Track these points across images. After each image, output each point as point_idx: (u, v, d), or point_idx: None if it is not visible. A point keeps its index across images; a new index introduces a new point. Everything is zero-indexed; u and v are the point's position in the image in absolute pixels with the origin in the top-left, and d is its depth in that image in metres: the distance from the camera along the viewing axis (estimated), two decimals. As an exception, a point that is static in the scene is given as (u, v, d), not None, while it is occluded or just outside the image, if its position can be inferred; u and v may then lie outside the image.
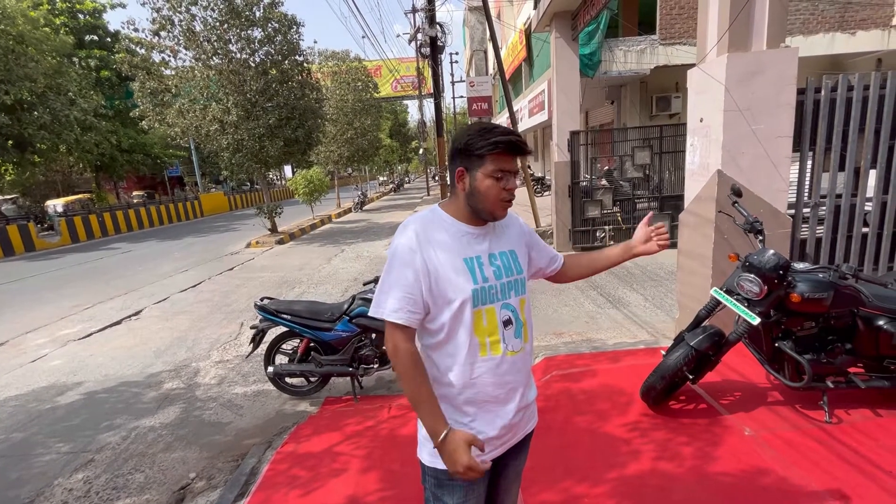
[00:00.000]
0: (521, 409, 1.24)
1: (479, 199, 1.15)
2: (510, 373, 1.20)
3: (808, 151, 3.42)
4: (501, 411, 1.20)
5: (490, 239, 1.22)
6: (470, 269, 1.15)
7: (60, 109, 16.79)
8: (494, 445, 1.22)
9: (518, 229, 1.32)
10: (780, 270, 2.24)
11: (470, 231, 1.20)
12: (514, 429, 1.25)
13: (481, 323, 1.16)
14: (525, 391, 1.25)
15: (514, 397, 1.22)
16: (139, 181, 32.72)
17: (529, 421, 1.31)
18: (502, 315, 1.18)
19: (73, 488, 2.65)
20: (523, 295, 1.24)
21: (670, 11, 10.34)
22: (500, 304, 1.18)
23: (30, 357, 4.79)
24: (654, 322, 4.38)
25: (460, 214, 1.20)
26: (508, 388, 1.20)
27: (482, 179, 1.13)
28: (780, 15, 3.08)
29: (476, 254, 1.18)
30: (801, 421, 2.43)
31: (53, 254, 12.79)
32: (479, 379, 1.17)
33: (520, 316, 1.22)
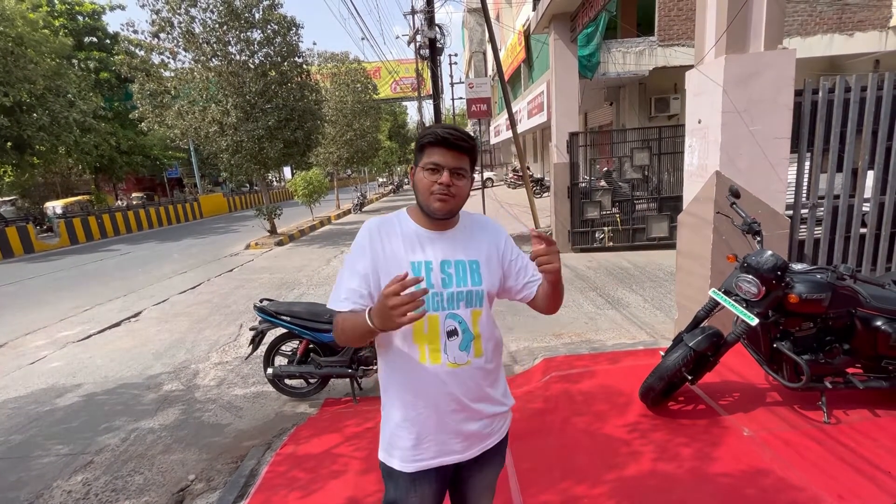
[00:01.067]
0: (469, 420, 1.20)
1: (416, 192, 1.17)
2: (452, 385, 1.16)
3: (805, 152, 3.43)
4: (442, 421, 1.18)
5: (449, 244, 1.19)
6: (415, 272, 1.13)
7: (59, 111, 16.79)
8: (437, 452, 1.20)
9: (493, 242, 1.26)
10: (778, 271, 2.24)
11: (424, 233, 1.18)
12: (466, 441, 1.21)
13: (421, 329, 1.14)
14: (475, 405, 1.20)
15: (456, 408, 1.18)
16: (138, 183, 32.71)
17: (489, 436, 1.26)
18: (446, 325, 1.15)
19: (72, 490, 2.65)
20: (478, 307, 1.19)
21: (669, 13, 10.37)
22: (444, 313, 1.15)
23: (29, 359, 4.79)
24: (654, 323, 4.39)
25: (417, 216, 1.21)
26: (449, 398, 1.17)
27: (418, 172, 1.15)
28: (778, 17, 3.10)
29: (427, 258, 1.16)
30: (799, 421, 2.44)
31: (52, 255, 12.78)
32: (418, 385, 1.17)
33: (470, 329, 1.17)
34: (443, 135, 1.11)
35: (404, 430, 1.20)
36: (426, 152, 1.14)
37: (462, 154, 1.13)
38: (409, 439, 1.19)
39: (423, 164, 1.13)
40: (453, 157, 1.12)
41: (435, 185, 1.12)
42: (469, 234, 1.24)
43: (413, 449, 1.19)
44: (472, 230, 1.25)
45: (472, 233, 1.24)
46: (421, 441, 1.19)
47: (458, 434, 1.20)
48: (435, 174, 1.12)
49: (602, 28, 10.14)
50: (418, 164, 1.16)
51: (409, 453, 1.19)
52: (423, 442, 1.19)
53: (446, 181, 1.11)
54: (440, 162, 1.12)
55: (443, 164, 1.12)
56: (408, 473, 1.20)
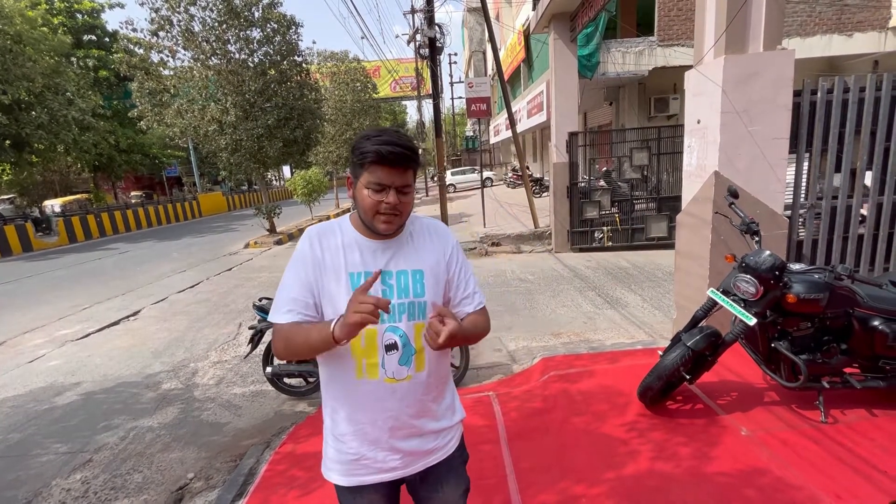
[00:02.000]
0: (407, 437, 1.16)
1: (360, 209, 1.10)
2: (390, 401, 1.12)
3: (804, 153, 3.44)
4: (379, 437, 1.14)
5: (392, 254, 1.13)
6: (354, 284, 1.08)
7: (58, 109, 16.76)
8: (375, 469, 1.16)
9: (439, 250, 1.18)
10: (775, 271, 2.25)
11: (365, 243, 1.12)
12: (407, 458, 1.16)
13: (358, 343, 1.09)
14: (414, 421, 1.15)
15: (393, 425, 1.13)
16: (137, 181, 32.66)
17: (432, 453, 1.20)
18: (385, 338, 1.10)
19: (70, 488, 2.65)
20: (420, 320, 1.12)
21: (668, 13, 10.38)
22: (384, 326, 1.09)
23: (27, 357, 4.78)
24: (652, 322, 4.39)
25: (360, 226, 1.14)
26: (387, 415, 1.12)
27: (360, 189, 1.06)
28: (777, 17, 3.10)
29: (367, 269, 1.10)
30: (797, 421, 2.45)
31: (51, 254, 12.76)
32: (354, 400, 1.13)
33: (412, 343, 1.11)
34: (386, 153, 1.01)
35: (342, 444, 1.16)
36: (367, 169, 1.04)
37: (407, 170, 1.06)
38: (348, 454, 1.15)
39: (366, 183, 1.05)
40: (398, 174, 1.04)
41: (381, 204, 1.05)
42: (414, 243, 1.17)
43: (351, 463, 1.16)
44: (418, 237, 1.18)
45: (418, 240, 1.18)
46: (358, 456, 1.15)
47: (396, 451, 1.15)
48: (380, 194, 1.05)
49: (602, 28, 10.14)
50: (359, 179, 1.07)
51: (346, 467, 1.16)
52: (360, 458, 1.15)
53: (394, 201, 1.04)
54: (385, 182, 1.04)
55: (388, 184, 1.04)
56: (346, 488, 1.18)
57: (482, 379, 3.54)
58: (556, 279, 6.26)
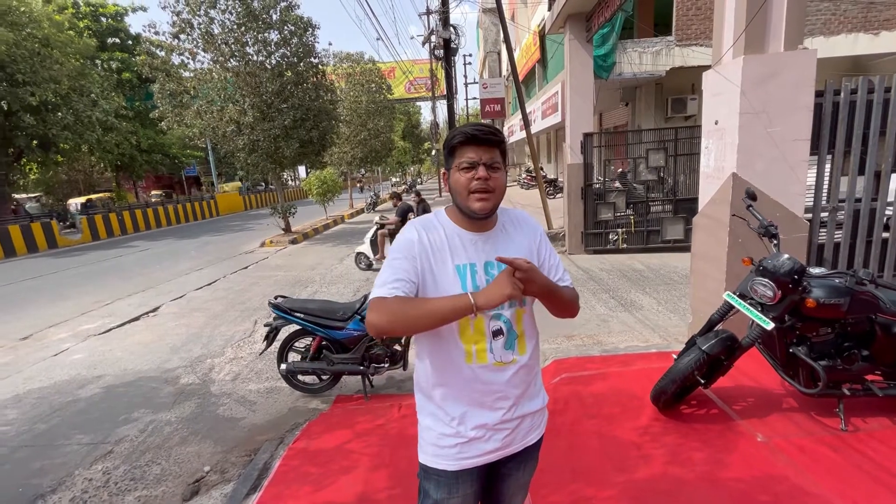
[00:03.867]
0: (514, 420, 1.21)
1: (455, 195, 1.16)
2: (498, 383, 1.18)
3: (826, 155, 3.37)
4: (487, 417, 1.19)
5: (491, 245, 1.19)
6: (461, 276, 1.14)
7: (83, 110, 17.23)
8: (481, 450, 1.20)
9: (530, 239, 1.26)
10: (794, 275, 2.21)
11: (466, 235, 1.18)
12: (507, 437, 1.21)
13: (468, 331, 1.15)
14: (519, 402, 1.21)
15: (503, 406, 1.19)
16: (157, 181, 33.40)
17: (530, 432, 1.26)
18: (492, 325, 1.16)
19: (92, 478, 2.73)
20: (521, 307, 1.19)
21: (687, 12, 10.23)
22: (490, 314, 1.15)
23: (52, 351, 4.94)
24: (667, 326, 4.34)
25: (457, 218, 1.20)
26: (496, 396, 1.18)
27: (455, 174, 1.15)
28: (799, 17, 3.04)
29: (471, 261, 1.16)
30: (815, 428, 2.40)
31: (75, 251, 13.13)
32: (464, 384, 1.17)
33: (514, 328, 1.19)
34: (472, 132, 1.12)
35: (448, 430, 1.19)
36: (458, 152, 1.14)
37: (493, 147, 1.14)
38: (455, 438, 1.19)
39: (458, 164, 1.13)
40: (486, 151, 1.13)
41: (473, 181, 1.12)
42: (508, 234, 1.24)
43: (459, 448, 1.19)
44: (510, 229, 1.25)
45: (511, 232, 1.24)
46: (467, 440, 1.19)
47: (502, 431, 1.20)
48: (471, 171, 1.12)
49: (618, 28, 10.05)
50: (451, 167, 1.16)
51: (453, 451, 1.19)
52: (469, 441, 1.19)
53: (484, 175, 1.11)
54: (474, 158, 1.12)
55: (477, 160, 1.12)
56: (452, 472, 1.20)
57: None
58: (570, 281, 6.22)
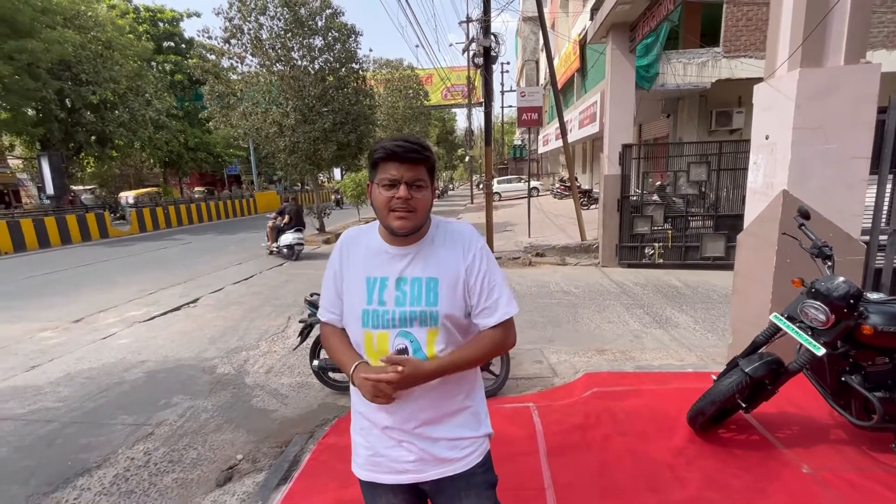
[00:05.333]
0: (420, 440, 1.16)
1: (376, 211, 1.12)
2: (402, 402, 1.13)
3: (888, 174, 3.18)
4: (390, 438, 1.16)
5: (411, 261, 1.14)
6: (369, 288, 1.13)
7: (138, 109, 18.31)
8: (389, 468, 1.17)
9: (458, 255, 1.15)
10: (850, 299, 2.09)
11: (387, 250, 1.15)
12: (419, 463, 1.16)
13: (371, 345, 1.14)
14: (427, 427, 1.15)
15: (407, 429, 1.15)
16: (201, 177, 34.98)
17: (449, 462, 1.17)
18: (396, 343, 1.12)
19: (134, 457, 2.87)
20: (433, 327, 1.12)
21: (736, 23, 9.90)
22: (395, 331, 1.12)
23: (101, 334, 5.23)
24: (704, 346, 4.18)
25: (382, 232, 1.17)
26: (398, 417, 1.14)
27: (374, 189, 1.11)
28: (862, 29, 2.91)
29: (384, 274, 1.13)
30: (867, 463, 2.25)
31: (124, 241, 13.88)
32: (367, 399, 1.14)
33: (423, 349, 1.12)
34: (392, 148, 1.06)
35: (362, 440, 1.21)
36: (380, 168, 1.09)
37: (417, 165, 1.08)
38: (366, 449, 1.20)
39: (378, 181, 1.09)
40: (408, 168, 1.07)
41: (393, 200, 1.07)
42: (433, 249, 1.16)
43: (368, 459, 1.19)
44: (440, 244, 1.17)
45: (440, 247, 1.16)
46: (374, 454, 1.18)
47: (408, 452, 1.16)
48: (391, 189, 1.07)
49: (663, 38, 9.84)
50: (373, 181, 1.11)
51: (363, 462, 1.20)
52: (376, 455, 1.18)
53: (404, 195, 1.06)
54: (396, 176, 1.07)
55: (398, 178, 1.07)
56: (366, 482, 1.21)
57: (522, 390, 3.50)
58: (602, 294, 6.09)
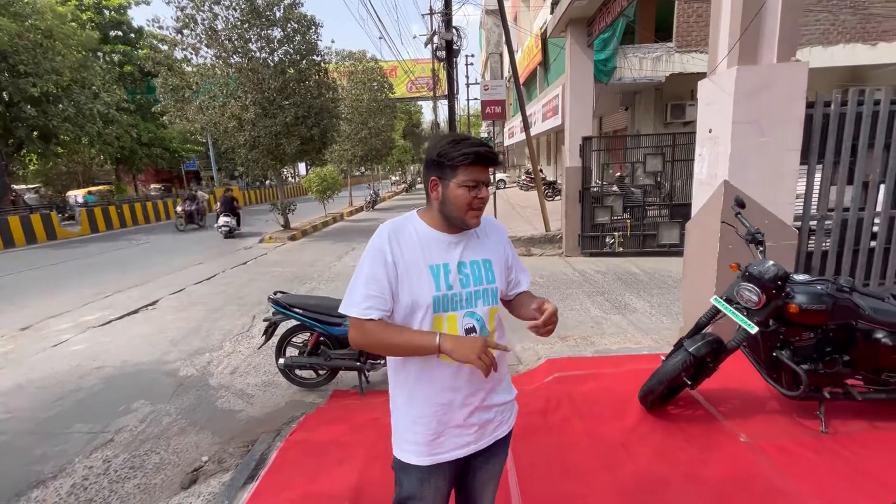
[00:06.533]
0: (484, 414, 1.27)
1: (450, 207, 1.20)
2: (470, 379, 1.23)
3: (816, 165, 3.45)
4: (459, 414, 1.24)
5: (464, 247, 1.24)
6: (434, 275, 1.18)
7: (84, 103, 17.25)
8: (454, 444, 1.26)
9: (500, 239, 1.34)
10: (779, 281, 2.29)
11: (442, 238, 1.23)
12: (478, 432, 1.27)
13: (441, 329, 1.19)
14: (489, 396, 1.27)
15: (473, 402, 1.25)
16: (156, 174, 33.38)
17: (500, 426, 1.32)
18: (465, 323, 1.21)
19: (92, 466, 2.79)
20: (494, 305, 1.25)
21: (687, 19, 10.32)
22: (463, 311, 1.21)
23: (52, 342, 4.99)
24: (659, 329, 4.41)
25: (434, 222, 1.24)
26: (466, 392, 1.23)
27: (454, 189, 1.17)
28: (792, 29, 3.12)
29: (444, 261, 1.20)
30: (796, 430, 2.48)
31: (75, 243, 13.15)
32: (436, 381, 1.22)
33: (486, 325, 1.24)
34: (482, 153, 1.15)
35: (421, 426, 1.25)
36: (462, 170, 1.16)
37: (489, 168, 1.20)
38: (427, 434, 1.24)
39: (462, 182, 1.16)
40: (486, 172, 1.20)
41: (475, 199, 1.18)
42: (479, 237, 1.29)
43: (430, 444, 1.24)
44: (481, 232, 1.30)
45: (482, 235, 1.30)
46: (438, 435, 1.24)
47: (473, 426, 1.26)
48: (474, 190, 1.17)
49: (619, 33, 10.13)
50: (448, 180, 1.17)
51: (425, 448, 1.25)
52: (440, 436, 1.24)
53: (486, 196, 1.18)
54: (480, 179, 1.17)
55: (482, 181, 1.17)
56: (424, 467, 1.25)
57: (488, 378, 3.61)
58: (566, 283, 6.30)
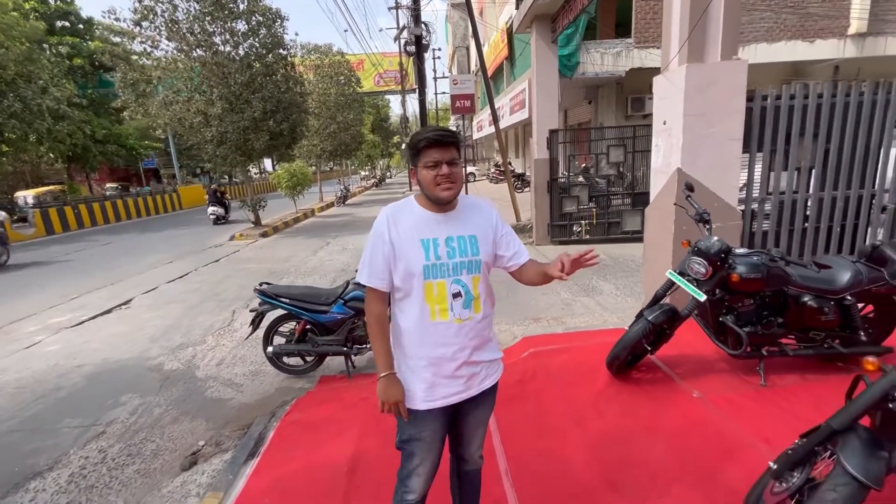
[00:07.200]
0: (471, 367, 1.50)
1: (423, 186, 1.44)
2: (457, 336, 1.46)
3: (756, 153, 3.84)
4: (449, 366, 1.47)
5: (451, 224, 1.47)
6: (425, 247, 1.42)
7: (32, 98, 16.28)
8: (446, 393, 1.48)
9: (486, 218, 1.54)
10: (722, 254, 2.61)
11: (431, 217, 1.46)
12: (466, 382, 1.50)
13: (432, 293, 1.43)
14: (476, 352, 1.50)
15: (461, 356, 1.47)
16: (112, 173, 31.84)
17: (486, 378, 1.55)
18: (452, 288, 1.44)
19: (88, 456, 2.86)
20: (477, 274, 1.47)
21: (645, 16, 10.82)
22: (450, 279, 1.43)
23: (24, 343, 4.89)
24: (624, 308, 4.76)
25: (424, 203, 1.48)
26: (455, 348, 1.46)
27: (422, 170, 1.42)
28: (732, 31, 3.47)
29: (434, 236, 1.43)
30: (740, 384, 2.83)
31: (30, 246, 12.54)
32: (428, 337, 1.46)
33: (471, 291, 1.46)
34: (434, 137, 1.39)
35: (418, 377, 1.48)
36: (423, 154, 1.40)
37: (450, 147, 1.41)
38: (423, 383, 1.48)
39: (424, 164, 1.40)
40: (445, 151, 1.40)
41: (438, 177, 1.40)
42: (466, 214, 1.51)
43: (425, 391, 1.48)
44: (468, 211, 1.52)
45: (468, 213, 1.52)
46: (433, 384, 1.47)
47: (461, 377, 1.49)
48: (436, 168, 1.40)
49: (581, 29, 10.52)
50: (418, 165, 1.43)
51: (422, 395, 1.48)
52: (434, 385, 1.47)
53: (447, 172, 1.40)
54: (438, 158, 1.39)
55: (440, 160, 1.39)
56: (422, 411, 1.49)
57: (468, 357, 3.85)
58: (537, 269, 6.61)
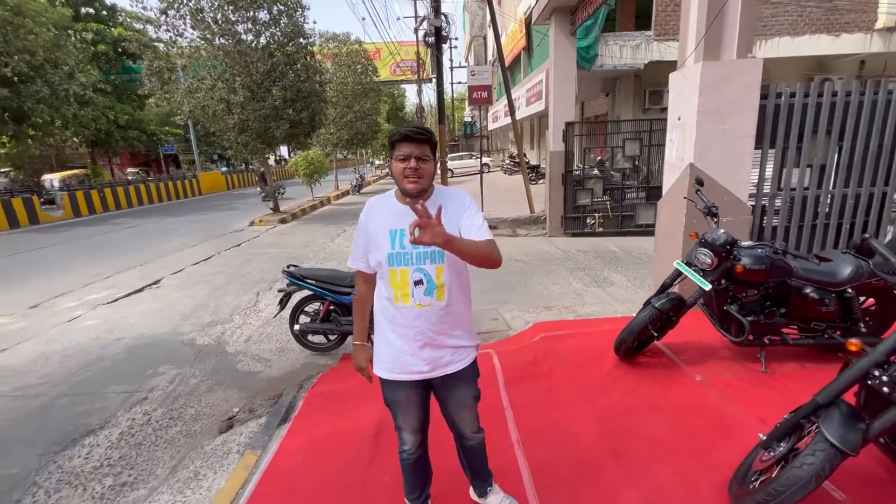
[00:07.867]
0: (433, 348, 1.61)
1: (394, 178, 1.56)
2: (417, 319, 1.58)
3: (769, 149, 3.93)
4: (408, 346, 1.61)
5: None
6: (392, 237, 1.55)
7: (59, 83, 16.78)
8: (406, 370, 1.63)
9: (455, 211, 1.58)
10: (727, 246, 2.75)
11: (402, 209, 1.56)
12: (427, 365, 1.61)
13: (395, 279, 1.57)
14: (436, 337, 1.60)
15: (421, 338, 1.59)
16: (133, 158, 32.57)
17: (451, 363, 1.65)
18: (414, 276, 1.56)
19: (134, 418, 3.14)
20: (440, 264, 1.56)
21: (666, 8, 10.73)
22: (413, 267, 1.55)
23: (65, 318, 5.22)
24: (635, 299, 4.89)
25: (399, 196, 1.61)
26: (415, 330, 1.58)
27: (394, 163, 1.54)
28: (749, 29, 3.55)
29: (401, 226, 1.54)
30: (742, 370, 2.98)
31: (59, 227, 13.06)
32: (394, 318, 1.61)
33: (434, 280, 1.56)
34: (405, 132, 1.51)
35: (385, 349, 1.66)
36: (396, 147, 1.52)
37: (422, 143, 1.51)
38: (388, 356, 1.65)
39: (396, 156, 1.52)
40: (416, 146, 1.50)
41: (406, 169, 1.51)
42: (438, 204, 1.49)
43: (390, 363, 1.65)
44: (441, 202, 1.52)
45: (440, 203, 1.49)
46: (395, 359, 1.64)
47: (421, 358, 1.62)
48: (405, 162, 1.51)
49: (601, 21, 10.49)
50: (393, 157, 1.54)
51: (387, 366, 1.66)
52: (396, 360, 1.63)
53: (413, 166, 1.51)
54: (408, 152, 1.50)
55: (410, 154, 1.50)
56: (387, 380, 1.68)
57: (483, 341, 4.03)
58: (550, 260, 6.76)
